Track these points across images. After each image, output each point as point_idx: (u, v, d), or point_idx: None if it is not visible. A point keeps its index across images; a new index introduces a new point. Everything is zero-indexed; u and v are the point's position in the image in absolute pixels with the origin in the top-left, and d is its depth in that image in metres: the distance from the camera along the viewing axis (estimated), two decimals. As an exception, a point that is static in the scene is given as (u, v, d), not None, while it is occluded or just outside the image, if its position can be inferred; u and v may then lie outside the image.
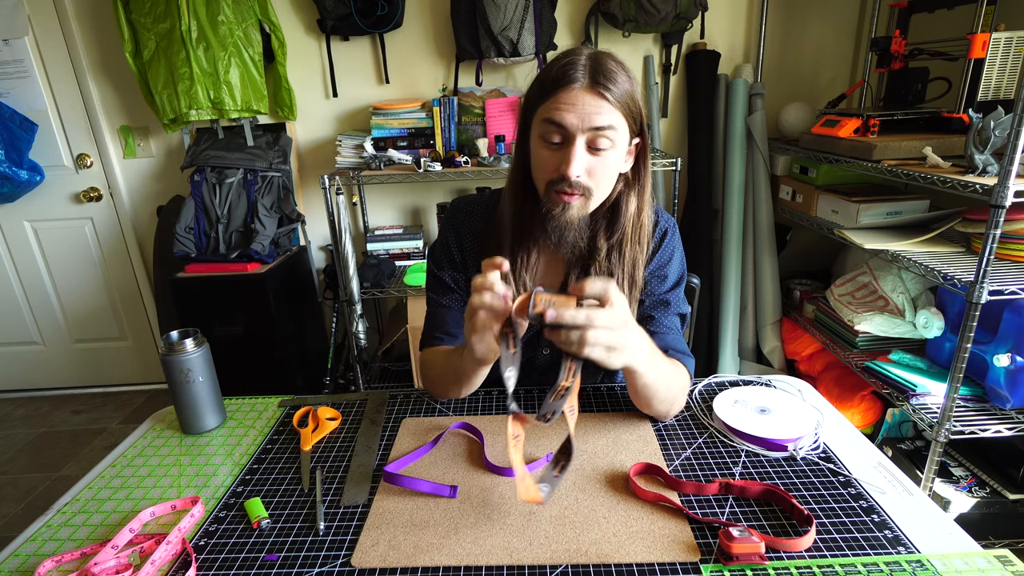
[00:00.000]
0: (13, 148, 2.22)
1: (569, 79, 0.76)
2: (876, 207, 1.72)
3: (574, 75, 0.76)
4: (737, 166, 2.14)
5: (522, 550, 0.63)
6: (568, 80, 0.76)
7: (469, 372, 0.82)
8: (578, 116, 0.76)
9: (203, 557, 0.65)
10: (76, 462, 2.20)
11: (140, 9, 1.97)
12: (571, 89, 0.76)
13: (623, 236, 0.87)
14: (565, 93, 0.76)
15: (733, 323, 2.21)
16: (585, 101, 0.76)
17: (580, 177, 0.78)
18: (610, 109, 0.76)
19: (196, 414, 0.89)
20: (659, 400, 0.82)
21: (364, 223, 2.41)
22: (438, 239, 1.00)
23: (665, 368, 0.81)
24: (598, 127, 0.76)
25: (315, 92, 2.29)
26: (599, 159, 0.79)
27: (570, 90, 0.76)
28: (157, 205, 2.43)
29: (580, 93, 0.76)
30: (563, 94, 0.76)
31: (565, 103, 0.76)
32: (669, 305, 0.93)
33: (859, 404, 1.81)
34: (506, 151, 2.09)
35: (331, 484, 0.76)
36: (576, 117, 0.76)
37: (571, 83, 0.76)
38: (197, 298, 2.09)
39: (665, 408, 0.84)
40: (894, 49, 1.75)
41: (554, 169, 0.79)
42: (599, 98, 0.76)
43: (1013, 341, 1.38)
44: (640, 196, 0.87)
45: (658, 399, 0.81)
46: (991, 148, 1.32)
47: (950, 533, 0.64)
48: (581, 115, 0.76)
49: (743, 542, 0.60)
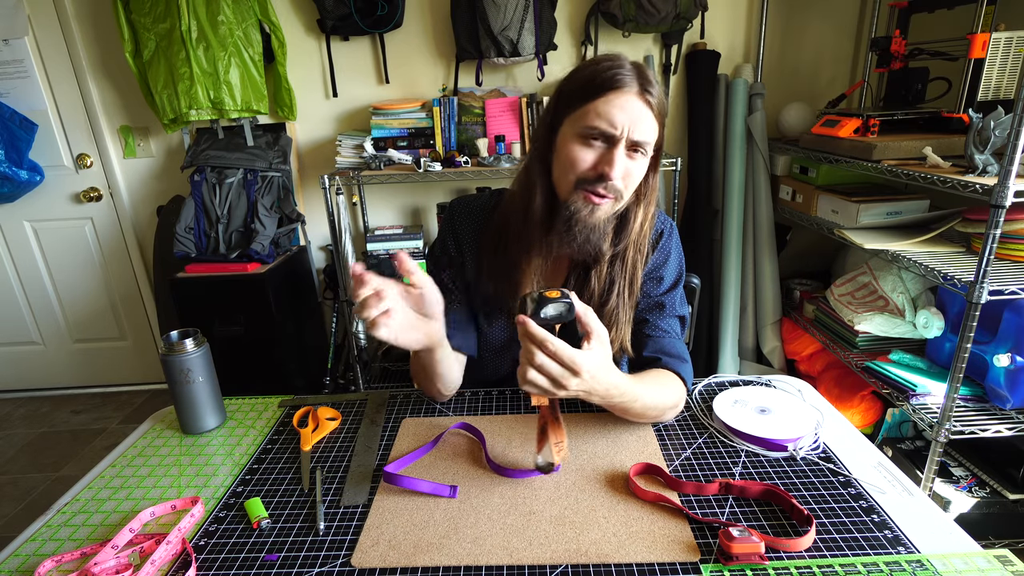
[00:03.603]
0: (13, 148, 2.22)
1: (622, 83, 0.77)
2: (876, 207, 1.72)
3: (624, 79, 0.77)
4: (737, 166, 2.13)
5: (522, 550, 0.63)
6: (621, 84, 0.77)
7: (428, 364, 0.85)
8: (628, 122, 0.77)
9: (203, 557, 0.65)
10: (76, 462, 2.20)
11: (140, 9, 1.97)
12: (623, 93, 0.77)
13: (627, 244, 0.88)
14: (616, 96, 0.77)
15: (733, 323, 2.21)
16: (635, 107, 0.77)
17: (618, 180, 0.79)
18: (652, 119, 0.79)
19: (196, 414, 0.89)
20: (641, 418, 0.84)
21: (364, 223, 2.41)
22: (437, 239, 1.00)
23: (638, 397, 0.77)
24: (640, 140, 0.78)
25: (315, 92, 2.29)
26: (635, 164, 0.80)
27: (621, 94, 0.77)
28: (157, 205, 2.43)
29: (631, 98, 0.77)
30: (614, 97, 0.77)
31: (617, 107, 0.77)
32: (665, 307, 0.92)
33: (859, 404, 1.81)
34: (506, 151, 2.09)
35: (331, 484, 0.76)
36: (626, 122, 0.77)
37: (623, 87, 0.77)
38: (197, 298, 2.09)
39: (652, 420, 0.86)
40: (894, 49, 1.74)
41: (591, 167, 0.79)
42: (646, 106, 0.78)
43: (1013, 341, 1.38)
44: (647, 206, 0.88)
45: (638, 419, 0.84)
46: (991, 148, 1.32)
47: (950, 533, 0.64)
48: (630, 121, 0.77)
49: (743, 542, 0.60)
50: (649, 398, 0.80)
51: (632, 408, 0.78)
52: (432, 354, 0.83)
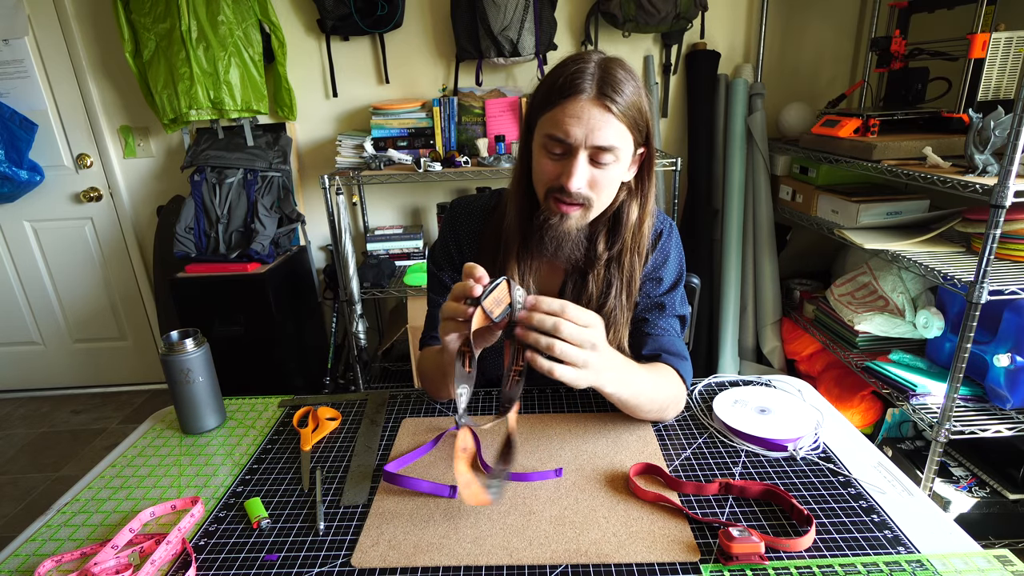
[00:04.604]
0: (13, 148, 2.22)
1: (576, 89, 0.73)
2: (876, 207, 1.72)
3: (581, 85, 0.73)
4: (737, 166, 2.14)
5: (522, 550, 0.63)
6: (574, 90, 0.73)
7: (450, 368, 0.83)
8: (583, 130, 0.74)
9: (203, 557, 0.65)
10: (76, 462, 2.20)
11: (140, 9, 1.97)
12: (577, 100, 0.73)
13: (623, 246, 0.86)
14: (571, 104, 0.74)
15: (733, 323, 2.21)
16: (591, 114, 0.73)
17: (581, 189, 0.77)
18: (615, 123, 0.74)
19: (196, 414, 0.89)
20: (643, 412, 0.82)
21: (364, 223, 2.41)
22: (438, 240, 1.00)
23: (643, 383, 0.79)
24: (601, 145, 0.74)
25: (315, 92, 2.29)
26: (602, 172, 0.77)
27: (576, 101, 0.73)
28: (157, 205, 2.43)
29: (586, 105, 0.73)
30: (568, 105, 0.74)
31: (570, 115, 0.74)
32: (665, 308, 0.92)
33: (859, 404, 1.81)
34: (506, 151, 2.09)
35: (331, 484, 0.76)
36: (581, 131, 0.74)
37: (577, 93, 0.73)
38: (197, 298, 2.09)
39: (654, 417, 0.85)
40: (894, 49, 1.74)
41: (554, 178, 0.78)
42: (605, 111, 0.73)
43: (1013, 341, 1.38)
44: (643, 206, 0.86)
45: (642, 411, 0.82)
46: (991, 148, 1.32)
47: (950, 533, 0.64)
48: (586, 129, 0.74)
49: (743, 542, 0.60)
50: (648, 382, 0.80)
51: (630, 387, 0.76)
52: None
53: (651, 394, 0.80)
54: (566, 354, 0.64)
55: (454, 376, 0.68)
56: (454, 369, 0.74)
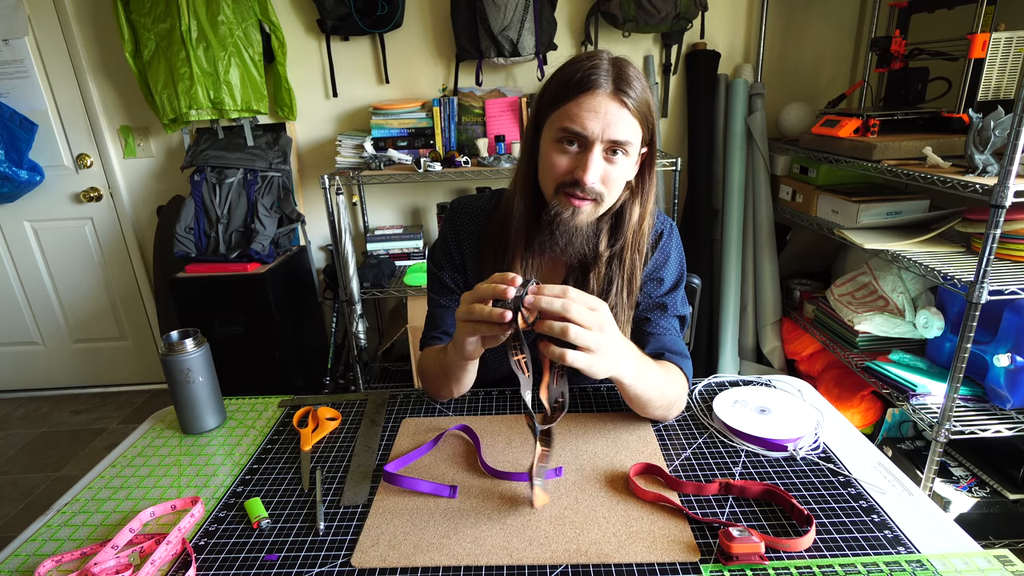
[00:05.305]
0: (13, 148, 2.22)
1: (593, 84, 0.75)
2: (876, 207, 1.72)
3: (598, 80, 0.75)
4: (737, 166, 2.14)
5: (522, 550, 0.63)
6: (592, 85, 0.75)
7: (455, 369, 0.83)
8: (600, 123, 0.75)
9: (203, 557, 0.65)
10: (76, 462, 2.20)
11: (140, 9, 1.97)
12: (595, 95, 0.75)
13: (624, 244, 0.87)
14: (588, 98, 0.75)
15: (733, 323, 2.21)
16: (608, 108, 0.75)
17: (595, 183, 0.78)
18: (630, 118, 0.76)
19: (196, 414, 0.89)
20: (654, 407, 0.82)
21: (364, 223, 2.41)
22: (438, 240, 1.00)
23: (657, 376, 0.80)
24: (617, 140, 0.76)
25: (315, 92, 2.29)
26: (613, 167, 0.78)
27: (593, 95, 0.75)
28: (157, 205, 2.43)
29: (603, 99, 0.75)
30: (586, 99, 0.75)
31: (587, 109, 0.75)
32: (666, 308, 0.92)
33: (859, 404, 1.81)
34: (506, 151, 2.09)
35: (331, 484, 0.76)
36: (598, 124, 0.75)
37: (595, 88, 0.75)
38: (197, 298, 2.09)
39: (662, 413, 0.84)
40: (894, 49, 1.75)
41: (567, 172, 0.78)
42: (621, 106, 0.75)
43: (1013, 341, 1.38)
44: (643, 205, 0.87)
45: (653, 406, 0.82)
46: (991, 148, 1.32)
47: (950, 533, 0.64)
48: (603, 123, 0.75)
49: (743, 542, 0.60)
50: (660, 376, 0.80)
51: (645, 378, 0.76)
52: (469, 361, 0.80)
53: (663, 388, 0.80)
54: (579, 337, 0.64)
55: (521, 386, 0.67)
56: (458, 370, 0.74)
